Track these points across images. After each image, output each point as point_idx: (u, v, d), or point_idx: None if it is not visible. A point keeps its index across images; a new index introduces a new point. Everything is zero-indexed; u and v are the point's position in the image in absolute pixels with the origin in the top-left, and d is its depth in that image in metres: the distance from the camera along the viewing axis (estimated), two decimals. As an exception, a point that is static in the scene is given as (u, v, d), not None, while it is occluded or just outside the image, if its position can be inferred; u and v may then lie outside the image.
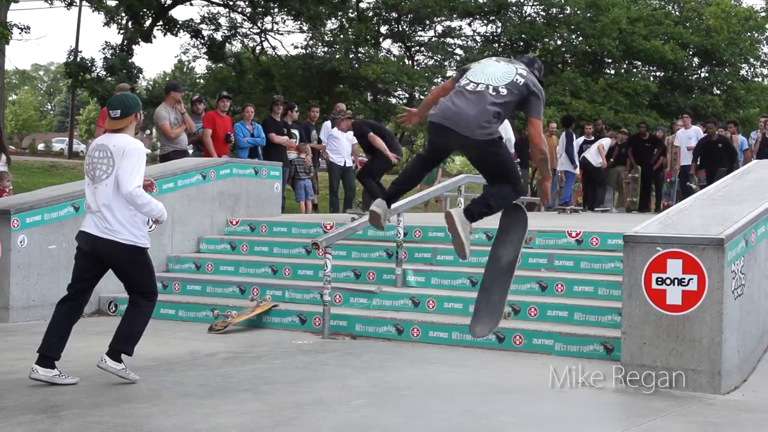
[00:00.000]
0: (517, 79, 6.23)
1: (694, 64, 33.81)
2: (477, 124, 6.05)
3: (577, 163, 17.27)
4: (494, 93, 6.15)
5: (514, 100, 6.22)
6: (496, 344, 7.98)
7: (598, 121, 20.93)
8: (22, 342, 8.07)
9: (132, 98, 6.57)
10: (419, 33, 33.28)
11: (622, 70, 33.35)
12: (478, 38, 33.93)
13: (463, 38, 33.85)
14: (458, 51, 33.70)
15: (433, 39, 33.27)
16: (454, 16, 32.58)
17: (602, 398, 6.18)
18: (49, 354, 6.29)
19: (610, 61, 33.19)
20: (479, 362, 7.44)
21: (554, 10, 32.02)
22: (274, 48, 33.04)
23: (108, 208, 6.27)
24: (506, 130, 16.80)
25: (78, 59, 27.25)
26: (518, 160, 16.91)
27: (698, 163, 16.44)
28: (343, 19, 31.76)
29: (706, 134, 16.62)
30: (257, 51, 32.76)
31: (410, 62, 33.12)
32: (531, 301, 8.50)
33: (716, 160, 16.01)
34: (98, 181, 6.30)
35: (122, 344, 6.35)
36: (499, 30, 33.11)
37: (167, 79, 52.55)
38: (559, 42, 32.76)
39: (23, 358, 7.28)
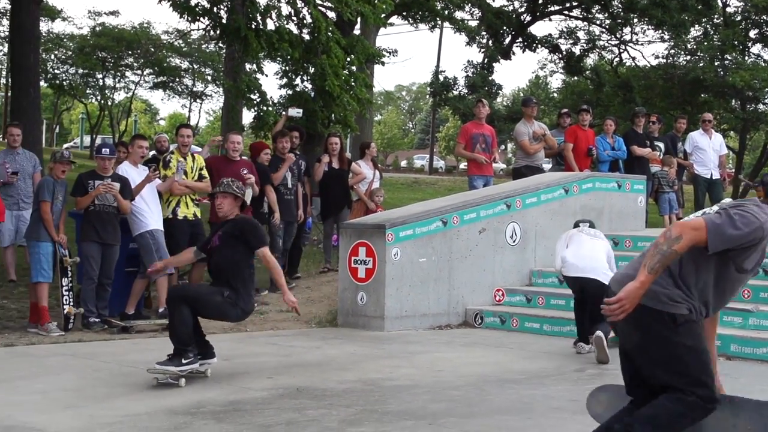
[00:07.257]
0: None
1: None
2: None
3: None
4: None
5: None
6: None
7: None
8: (397, 350, 8.49)
9: None
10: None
11: None
12: None
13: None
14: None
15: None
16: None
17: None
18: None
19: None
20: None
21: None
22: (633, 59, 32.41)
23: None
24: None
25: (441, 79, 28.48)
26: None
27: None
28: (708, 26, 30.43)
29: None
30: (615, 62, 32.30)
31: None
32: None
33: None
34: None
35: None
36: None
37: (520, 95, 53.23)
38: None
39: (399, 365, 7.67)
